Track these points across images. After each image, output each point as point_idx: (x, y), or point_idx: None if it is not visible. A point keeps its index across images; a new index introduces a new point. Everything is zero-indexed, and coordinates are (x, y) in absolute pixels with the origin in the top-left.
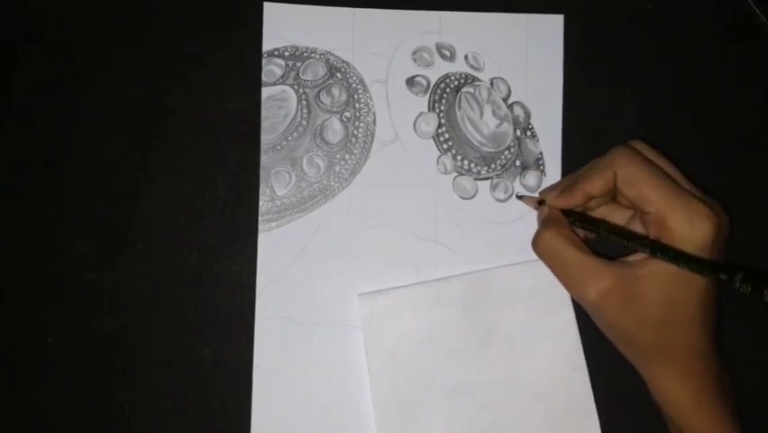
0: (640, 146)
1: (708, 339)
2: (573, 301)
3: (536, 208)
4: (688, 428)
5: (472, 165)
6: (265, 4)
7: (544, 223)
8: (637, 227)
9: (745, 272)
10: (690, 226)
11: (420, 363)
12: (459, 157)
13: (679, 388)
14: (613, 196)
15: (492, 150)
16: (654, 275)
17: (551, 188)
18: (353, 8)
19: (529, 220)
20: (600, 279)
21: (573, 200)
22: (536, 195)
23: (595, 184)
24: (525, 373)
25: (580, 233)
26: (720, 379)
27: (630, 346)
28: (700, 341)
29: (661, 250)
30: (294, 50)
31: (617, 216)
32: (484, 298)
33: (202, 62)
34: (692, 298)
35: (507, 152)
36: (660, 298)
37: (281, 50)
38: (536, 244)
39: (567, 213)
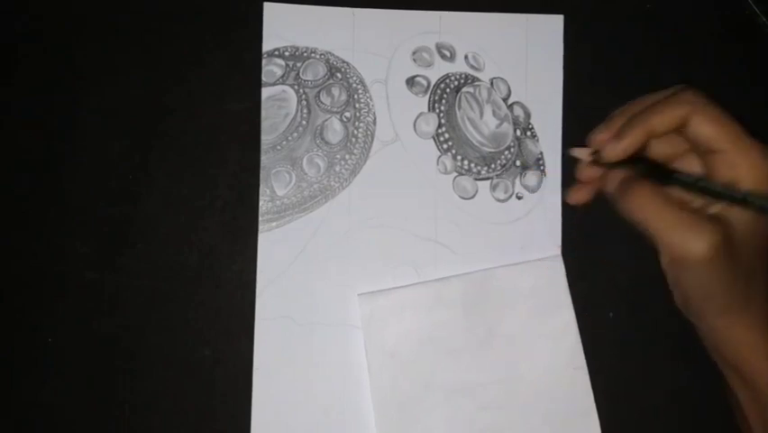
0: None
1: None
2: (573, 301)
3: (589, 160)
4: (760, 376)
5: (472, 165)
6: (265, 4)
7: (629, 182)
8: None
9: None
10: (765, 163)
11: (420, 363)
12: (459, 157)
13: (755, 336)
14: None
15: (492, 150)
16: (746, 224)
17: (600, 136)
18: (353, 8)
19: (529, 220)
20: (710, 232)
21: (635, 141)
22: (585, 150)
23: (664, 120)
24: (526, 373)
25: None
26: None
27: (712, 301)
28: None
29: (748, 199)
30: (294, 50)
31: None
32: (484, 298)
33: (202, 62)
34: (766, 243)
35: (507, 152)
36: (750, 246)
37: (281, 50)
38: (634, 202)
39: (629, 165)
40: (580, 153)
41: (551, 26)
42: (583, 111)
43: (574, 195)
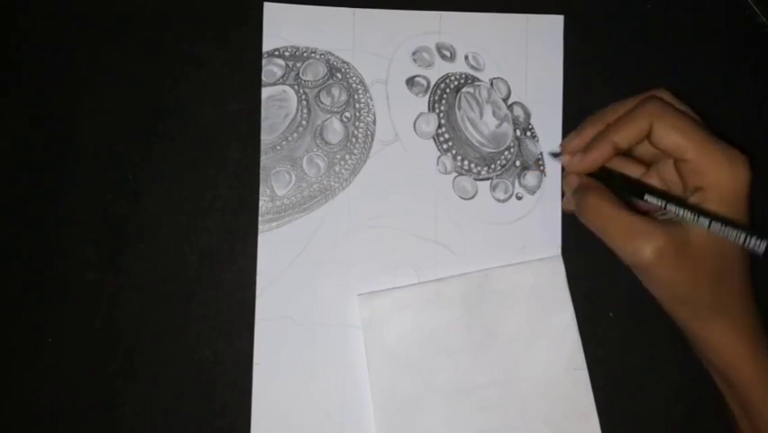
0: (666, 95)
1: (752, 289)
2: (573, 301)
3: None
4: (742, 380)
5: (472, 165)
6: (265, 4)
7: (585, 190)
8: (654, 181)
9: None
10: (731, 171)
11: (420, 363)
12: (459, 157)
13: (733, 341)
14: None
15: (492, 150)
16: (703, 230)
17: (579, 138)
18: (353, 8)
19: (529, 220)
20: (655, 238)
21: (603, 154)
22: (557, 149)
23: (628, 134)
24: (526, 373)
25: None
26: (764, 325)
27: (683, 305)
28: (747, 289)
29: (706, 216)
30: (294, 50)
31: (630, 172)
32: (484, 298)
33: (202, 62)
34: (737, 249)
35: (507, 153)
36: (711, 252)
37: (281, 51)
38: (584, 209)
39: (604, 177)
40: (564, 159)
41: (551, 26)
42: (583, 111)
43: (567, 204)
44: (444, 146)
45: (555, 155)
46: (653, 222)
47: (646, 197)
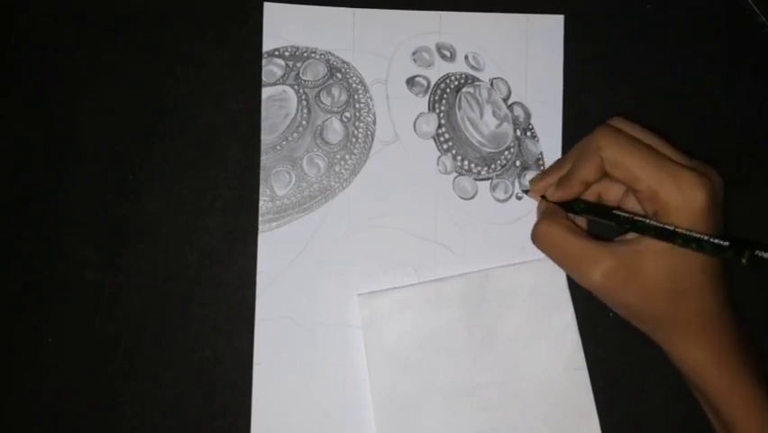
0: (621, 124)
1: (720, 301)
2: (573, 301)
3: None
4: (709, 390)
5: (472, 165)
6: (265, 4)
7: (541, 215)
8: (632, 201)
9: (751, 250)
10: (682, 198)
11: (420, 363)
12: (459, 157)
13: (696, 352)
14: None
15: (492, 150)
16: (655, 250)
17: (544, 181)
18: (353, 8)
19: (529, 220)
20: (601, 261)
21: (573, 191)
22: (528, 187)
23: (588, 171)
24: (526, 373)
25: (581, 221)
26: (737, 337)
27: (642, 320)
28: (712, 304)
29: (667, 234)
30: (294, 50)
31: (613, 191)
32: (484, 298)
33: (202, 62)
34: (696, 265)
35: (507, 153)
36: (663, 270)
37: (281, 51)
38: (535, 236)
39: (565, 203)
40: (534, 196)
41: (551, 26)
42: (583, 111)
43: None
44: (444, 146)
45: (525, 192)
46: (601, 245)
47: (614, 212)
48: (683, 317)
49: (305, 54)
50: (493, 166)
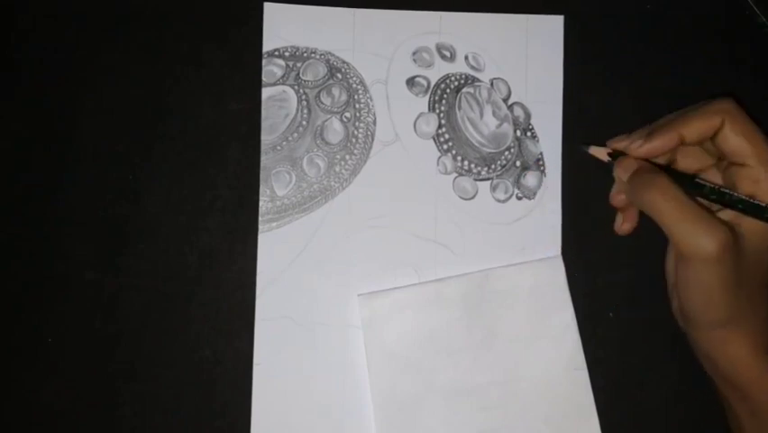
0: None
1: None
2: (573, 301)
3: (607, 160)
4: (759, 388)
5: (472, 166)
6: (265, 4)
7: (649, 171)
8: (711, 177)
9: None
10: None
11: (420, 363)
12: (459, 157)
13: (751, 348)
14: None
15: (492, 150)
16: (755, 233)
17: (626, 140)
18: (353, 8)
19: (530, 220)
20: (720, 232)
21: (664, 143)
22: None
23: (696, 127)
24: (526, 373)
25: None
26: None
27: (718, 309)
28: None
29: (752, 207)
30: (294, 50)
31: (689, 162)
32: (484, 298)
33: (202, 62)
34: None
35: (507, 153)
36: (758, 257)
37: (281, 51)
38: (651, 190)
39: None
40: (598, 152)
41: (551, 26)
42: (583, 111)
43: (623, 225)
44: (445, 146)
45: (586, 146)
46: (717, 217)
47: (697, 179)
48: (754, 308)
49: (305, 54)
50: (493, 166)
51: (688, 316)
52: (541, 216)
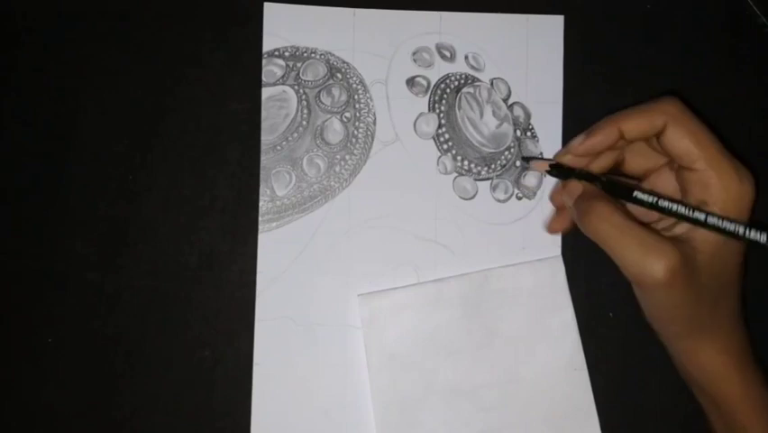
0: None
1: (740, 305)
2: (573, 301)
3: (544, 173)
4: (722, 395)
5: (472, 165)
6: (265, 4)
7: (591, 197)
8: (661, 181)
9: None
10: (739, 187)
11: (420, 363)
12: (459, 157)
13: (722, 361)
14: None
15: (492, 150)
16: (708, 247)
17: (566, 148)
18: (353, 8)
19: (530, 220)
20: (667, 255)
21: (603, 138)
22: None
23: (636, 123)
24: (526, 373)
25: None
26: (750, 346)
27: (679, 324)
28: (740, 309)
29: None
30: (294, 50)
31: (637, 163)
32: (484, 298)
33: (202, 62)
34: (736, 266)
35: (507, 153)
36: (715, 269)
37: (281, 51)
38: (592, 217)
39: (590, 179)
40: (539, 166)
41: (551, 26)
42: (583, 111)
43: (553, 224)
44: (444, 146)
45: (526, 160)
46: (663, 238)
47: (636, 194)
48: (721, 320)
49: (305, 54)
50: (493, 166)
51: (653, 328)
52: (541, 216)
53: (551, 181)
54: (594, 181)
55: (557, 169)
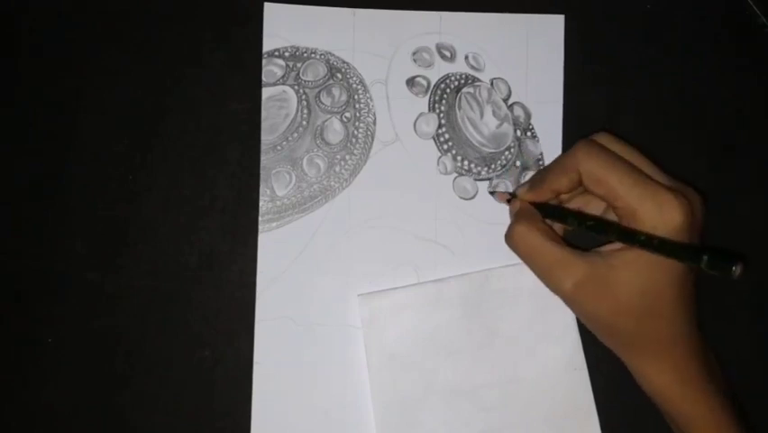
0: (604, 139)
1: (688, 324)
2: None
3: (507, 203)
4: (675, 414)
5: (472, 166)
6: (265, 4)
7: (517, 216)
8: (613, 216)
9: (710, 254)
10: (660, 216)
11: (420, 363)
12: (459, 157)
13: (661, 375)
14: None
15: (492, 150)
16: (628, 264)
17: (522, 184)
18: (353, 8)
19: None
20: (574, 270)
21: (542, 195)
22: (494, 189)
23: (561, 182)
24: (526, 373)
25: (557, 227)
26: (705, 362)
27: (609, 336)
28: (680, 327)
29: (630, 236)
30: (294, 50)
31: (594, 206)
32: (484, 298)
33: (202, 62)
34: (668, 285)
35: (507, 153)
36: (635, 286)
37: (281, 51)
38: (509, 237)
39: (540, 206)
40: (501, 197)
41: (551, 26)
42: (583, 111)
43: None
44: (445, 146)
45: (492, 193)
46: (577, 253)
47: (568, 217)
48: (652, 337)
49: (305, 54)
50: (493, 166)
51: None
52: None
53: None
54: (537, 205)
55: (513, 195)
